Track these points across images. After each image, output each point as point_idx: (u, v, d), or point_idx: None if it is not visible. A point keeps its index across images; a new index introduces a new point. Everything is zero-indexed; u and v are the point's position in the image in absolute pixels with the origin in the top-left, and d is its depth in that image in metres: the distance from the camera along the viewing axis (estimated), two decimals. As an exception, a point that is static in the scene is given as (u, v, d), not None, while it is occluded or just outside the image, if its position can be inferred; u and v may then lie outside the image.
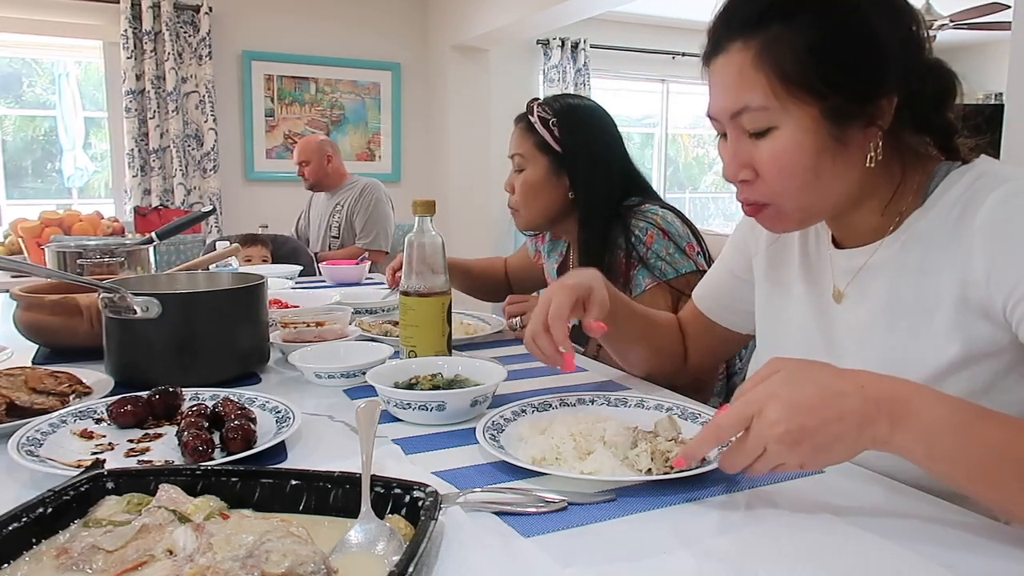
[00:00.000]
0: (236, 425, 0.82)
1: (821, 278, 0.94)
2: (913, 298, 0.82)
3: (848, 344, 0.90)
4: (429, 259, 1.17)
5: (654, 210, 1.48)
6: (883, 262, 0.86)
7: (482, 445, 0.82)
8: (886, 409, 0.65)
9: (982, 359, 0.78)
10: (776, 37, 0.78)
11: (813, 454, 0.65)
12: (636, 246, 1.44)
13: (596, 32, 5.64)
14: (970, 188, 0.79)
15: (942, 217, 0.81)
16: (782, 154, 0.80)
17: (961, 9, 4.90)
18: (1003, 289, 0.74)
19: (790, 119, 0.79)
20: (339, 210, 3.56)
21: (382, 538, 0.59)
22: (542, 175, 1.55)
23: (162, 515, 0.60)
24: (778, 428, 0.65)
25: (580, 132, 1.54)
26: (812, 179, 0.81)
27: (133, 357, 1.11)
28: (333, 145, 3.67)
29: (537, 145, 1.55)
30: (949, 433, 0.64)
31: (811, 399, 0.66)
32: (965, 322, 0.78)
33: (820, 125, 0.78)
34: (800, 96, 0.78)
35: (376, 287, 2.13)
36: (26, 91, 4.68)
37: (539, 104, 1.56)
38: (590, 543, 0.64)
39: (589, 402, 0.98)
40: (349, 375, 1.11)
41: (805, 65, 0.77)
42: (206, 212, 1.66)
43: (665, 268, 1.43)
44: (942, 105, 0.81)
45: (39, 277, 1.57)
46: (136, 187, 4.44)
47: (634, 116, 6.56)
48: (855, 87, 0.78)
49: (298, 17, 4.85)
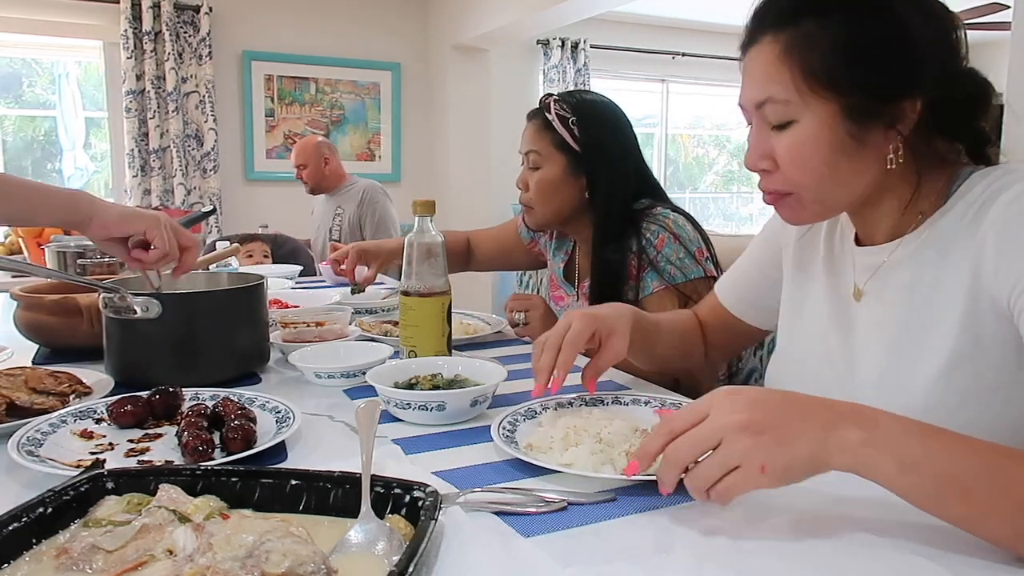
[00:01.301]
0: (236, 425, 0.83)
1: (842, 275, 0.95)
2: (929, 294, 0.83)
3: (864, 340, 0.90)
4: (429, 259, 1.17)
5: (666, 213, 1.47)
6: (902, 260, 0.86)
7: (494, 436, 0.84)
8: (850, 417, 0.64)
9: (989, 351, 0.78)
10: (806, 33, 0.79)
11: (776, 448, 0.62)
12: (647, 249, 1.44)
13: (596, 32, 5.64)
14: (990, 188, 0.80)
15: (960, 216, 0.81)
16: (799, 147, 0.81)
17: (961, 9, 4.90)
18: (1009, 281, 0.75)
19: (810, 114, 0.80)
20: (340, 213, 3.54)
21: (382, 538, 0.59)
22: (559, 174, 1.52)
23: (162, 515, 0.60)
24: (737, 416, 0.63)
25: (599, 131, 1.51)
26: (828, 174, 0.82)
27: (133, 357, 1.11)
28: (331, 147, 3.64)
29: (555, 143, 1.52)
30: (917, 442, 0.63)
31: (773, 397, 0.66)
32: (975, 313, 0.78)
33: (839, 122, 0.79)
34: (821, 92, 0.79)
35: (376, 287, 2.13)
36: (26, 91, 4.68)
37: (556, 100, 1.52)
38: (590, 543, 0.64)
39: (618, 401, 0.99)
40: (349, 375, 1.11)
41: (829, 62, 0.78)
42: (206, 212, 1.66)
43: (675, 272, 1.42)
44: (972, 113, 0.81)
45: (39, 277, 1.57)
46: (136, 187, 4.43)
47: (634, 116, 6.49)
48: (877, 87, 0.78)
49: (298, 17, 4.85)
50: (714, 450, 0.64)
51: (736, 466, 0.62)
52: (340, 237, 3.53)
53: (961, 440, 0.64)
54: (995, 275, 0.76)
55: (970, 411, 0.79)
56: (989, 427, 0.77)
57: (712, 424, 0.64)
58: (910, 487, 0.62)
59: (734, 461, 0.62)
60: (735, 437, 0.62)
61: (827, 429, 0.62)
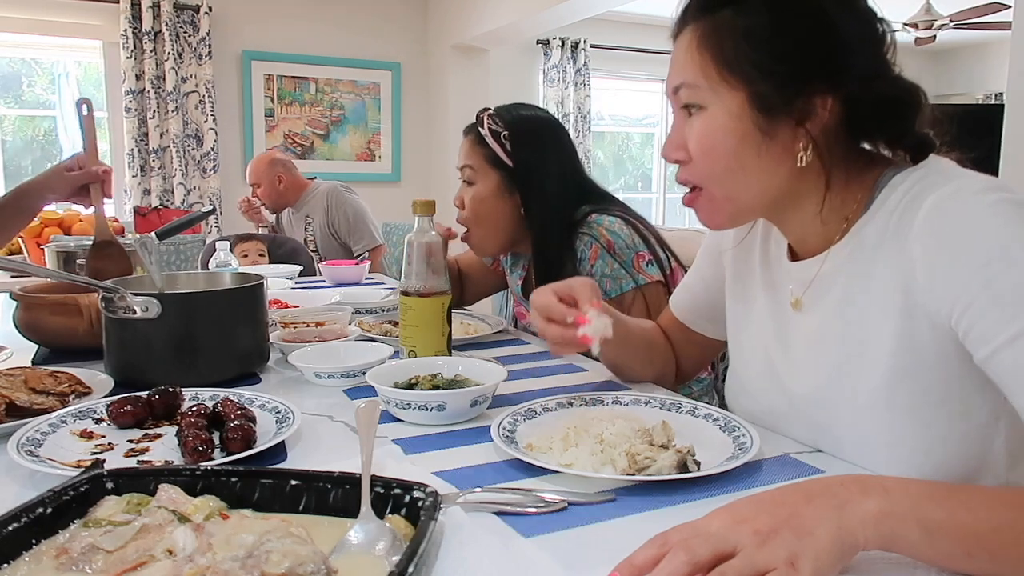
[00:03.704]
0: (236, 425, 0.82)
1: (780, 287, 0.94)
2: (863, 306, 0.81)
3: (804, 354, 0.89)
4: (429, 259, 1.17)
5: (599, 220, 1.41)
6: (833, 271, 0.85)
7: (494, 436, 0.84)
8: (856, 488, 0.59)
9: (933, 366, 0.76)
10: (723, 21, 0.80)
11: (798, 540, 0.54)
12: (581, 264, 1.41)
13: (596, 32, 5.65)
14: (910, 192, 0.78)
15: (884, 225, 0.80)
16: (707, 135, 0.82)
17: (961, 9, 4.90)
18: (947, 298, 0.72)
19: (719, 101, 0.81)
20: (310, 223, 3.42)
21: (382, 538, 0.59)
22: (493, 190, 1.49)
23: (162, 515, 0.60)
24: (746, 526, 0.55)
25: (532, 146, 1.48)
26: (736, 166, 0.82)
27: (133, 357, 1.11)
28: (285, 163, 3.44)
29: (487, 158, 1.49)
30: (934, 504, 0.58)
31: (766, 496, 0.60)
32: (912, 329, 0.76)
33: (746, 112, 0.80)
34: (730, 79, 0.80)
35: (376, 287, 2.13)
36: (26, 91, 4.68)
37: (489, 115, 1.50)
38: (590, 543, 0.64)
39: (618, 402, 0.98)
40: (349, 375, 1.11)
41: (739, 48, 0.79)
42: (206, 212, 1.66)
43: (610, 286, 1.38)
44: (895, 117, 0.79)
45: (39, 277, 1.57)
46: (136, 187, 4.44)
47: (634, 116, 6.57)
48: (784, 76, 0.78)
49: (298, 17, 4.85)
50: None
51: (765, 571, 0.53)
52: (317, 247, 3.41)
53: (974, 492, 0.61)
54: (929, 292, 0.74)
55: (917, 427, 0.77)
56: (936, 443, 0.77)
57: (718, 537, 0.55)
58: (939, 553, 0.57)
59: (762, 565, 0.53)
60: (752, 541, 0.54)
61: (840, 507, 0.57)
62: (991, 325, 0.68)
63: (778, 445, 0.87)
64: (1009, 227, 0.70)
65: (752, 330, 0.99)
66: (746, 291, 1.01)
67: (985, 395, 0.76)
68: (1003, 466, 0.79)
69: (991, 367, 0.70)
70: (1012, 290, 0.68)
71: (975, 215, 0.72)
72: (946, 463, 0.77)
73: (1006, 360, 0.68)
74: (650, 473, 0.75)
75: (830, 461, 0.83)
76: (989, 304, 0.69)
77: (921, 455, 0.77)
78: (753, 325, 0.98)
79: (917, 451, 0.78)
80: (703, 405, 0.95)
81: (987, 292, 0.69)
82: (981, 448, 0.78)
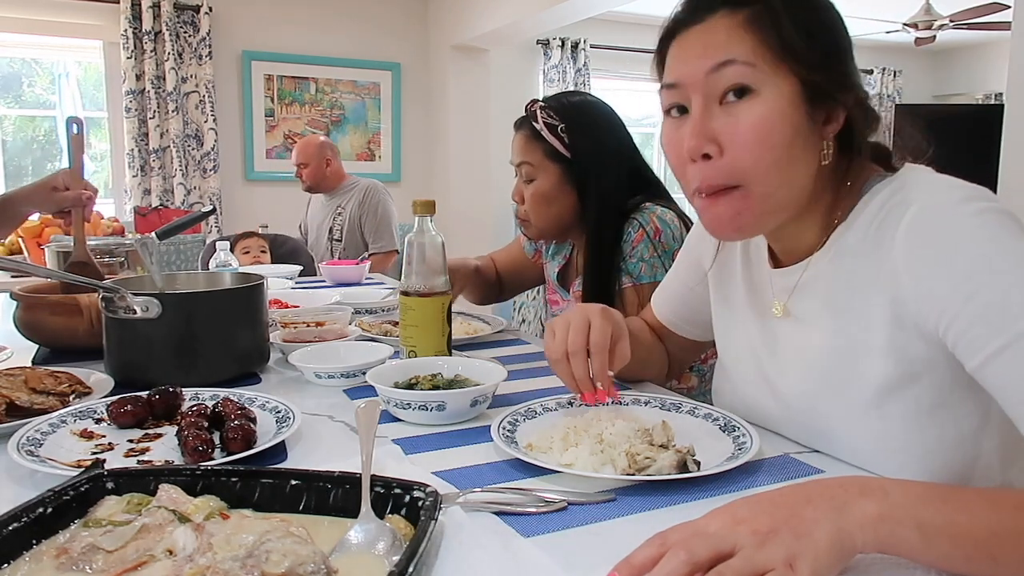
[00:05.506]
0: (236, 425, 0.83)
1: (763, 293, 0.94)
2: (848, 316, 0.81)
3: (792, 362, 0.89)
4: (429, 259, 1.17)
5: (653, 208, 1.43)
6: (814, 279, 0.85)
7: (494, 436, 0.84)
8: (856, 490, 0.58)
9: (922, 376, 0.77)
10: (767, 7, 0.77)
11: (796, 540, 0.54)
12: (624, 244, 1.42)
13: (596, 32, 5.64)
14: (888, 202, 0.79)
15: (864, 231, 0.80)
16: (764, 120, 0.75)
17: (961, 9, 4.90)
18: (933, 310, 0.72)
19: (773, 86, 0.75)
20: (340, 213, 3.52)
21: (382, 538, 0.59)
22: (554, 184, 1.47)
23: (162, 515, 0.60)
24: (745, 526, 0.55)
25: (591, 137, 1.46)
26: (786, 159, 0.77)
27: (133, 357, 1.11)
28: (333, 148, 3.61)
29: (546, 153, 1.47)
30: (933, 508, 0.57)
31: (766, 496, 0.59)
32: (901, 341, 0.76)
33: (800, 100, 0.76)
34: (787, 63, 0.76)
35: (376, 287, 2.13)
36: (26, 91, 4.68)
37: (542, 108, 1.47)
38: (590, 543, 0.64)
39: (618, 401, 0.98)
40: (349, 375, 1.11)
41: (793, 37, 0.76)
42: (206, 212, 1.66)
43: (643, 271, 1.39)
44: (870, 130, 0.82)
45: (39, 277, 1.57)
46: (136, 187, 4.43)
47: (634, 116, 6.55)
48: (834, 71, 0.78)
49: (298, 17, 4.85)
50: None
51: (763, 572, 0.52)
52: (341, 237, 3.51)
53: (973, 495, 0.61)
54: (917, 303, 0.74)
55: (910, 434, 0.78)
56: (930, 448, 0.78)
57: (717, 537, 0.55)
58: (938, 556, 0.57)
59: (760, 565, 0.53)
60: (751, 542, 0.54)
61: (839, 508, 0.57)
62: (977, 337, 0.69)
63: (778, 445, 0.87)
64: (991, 238, 0.70)
65: (738, 334, 0.99)
66: (729, 295, 1.01)
67: (976, 399, 0.76)
68: (997, 468, 0.79)
69: (981, 378, 0.70)
70: (997, 301, 0.68)
71: (957, 226, 0.71)
72: (939, 467, 0.77)
73: (995, 372, 0.68)
74: (650, 473, 0.75)
75: (830, 461, 0.83)
76: (975, 316, 0.69)
77: (915, 461, 0.78)
78: (739, 329, 0.98)
79: (911, 457, 0.78)
80: (703, 405, 0.95)
81: (972, 304, 0.69)
82: (974, 451, 0.78)
